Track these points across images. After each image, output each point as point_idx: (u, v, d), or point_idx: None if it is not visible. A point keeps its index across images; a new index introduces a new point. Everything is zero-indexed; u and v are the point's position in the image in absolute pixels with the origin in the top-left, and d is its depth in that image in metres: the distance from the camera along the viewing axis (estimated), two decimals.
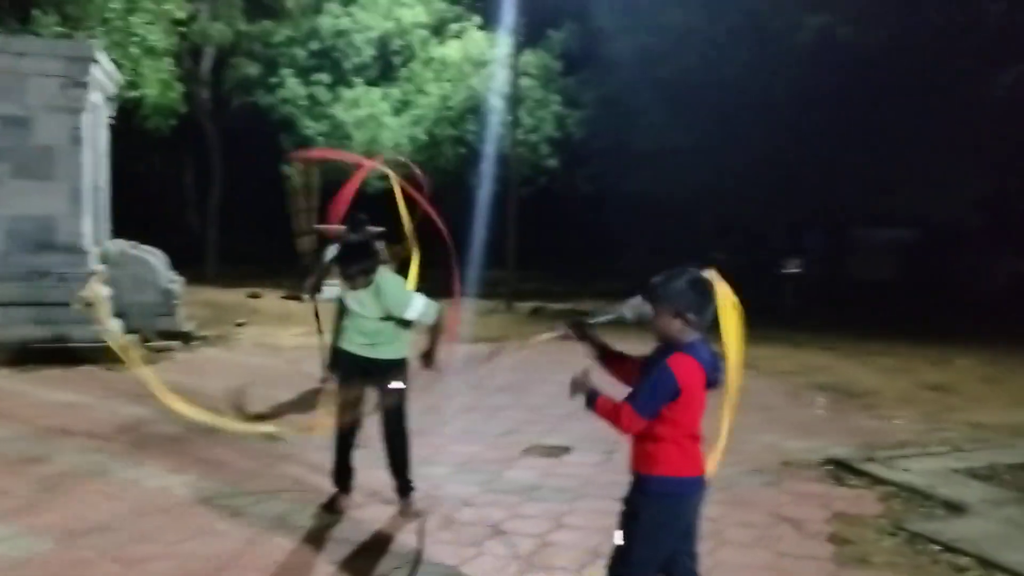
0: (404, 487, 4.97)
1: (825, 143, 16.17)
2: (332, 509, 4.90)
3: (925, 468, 5.89)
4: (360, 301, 4.84)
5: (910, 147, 16.24)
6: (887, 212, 21.36)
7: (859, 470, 5.84)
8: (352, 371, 4.95)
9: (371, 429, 5.07)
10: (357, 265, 4.71)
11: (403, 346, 5.00)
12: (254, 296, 16.58)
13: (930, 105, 15.23)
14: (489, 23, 19.61)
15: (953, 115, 15.22)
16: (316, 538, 4.55)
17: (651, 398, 2.90)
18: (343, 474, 5.00)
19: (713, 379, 2.97)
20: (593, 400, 2.99)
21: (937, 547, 4.53)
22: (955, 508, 5.13)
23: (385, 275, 4.87)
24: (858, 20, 14.07)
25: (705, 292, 2.93)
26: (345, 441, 4.96)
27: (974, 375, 10.00)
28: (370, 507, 4.99)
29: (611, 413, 2.95)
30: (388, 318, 4.84)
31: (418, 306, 4.84)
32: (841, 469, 5.92)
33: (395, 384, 4.96)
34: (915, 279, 21.69)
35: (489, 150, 18.76)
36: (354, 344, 4.93)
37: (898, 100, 15.28)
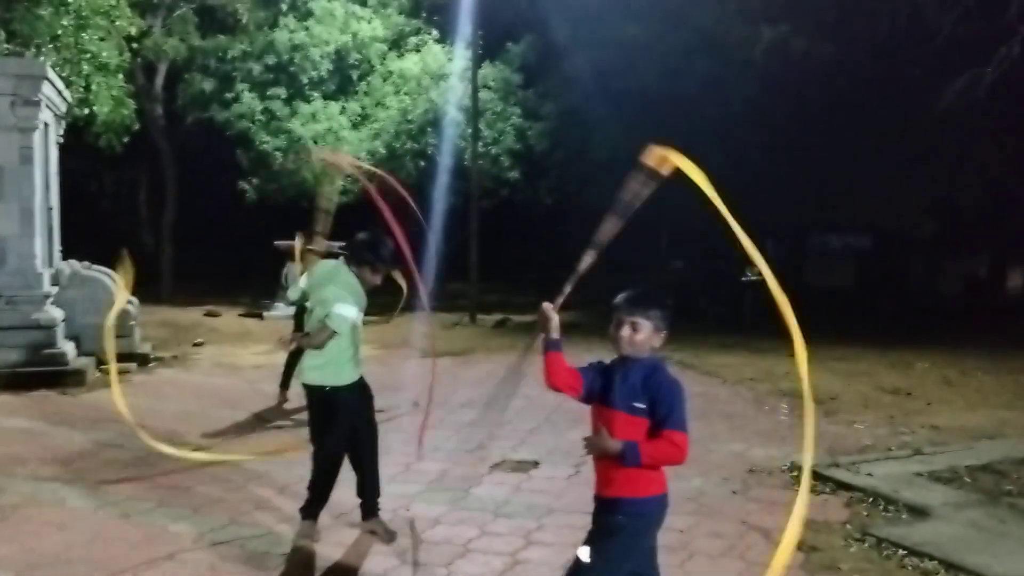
0: (375, 504, 4.88)
1: (781, 152, 16.45)
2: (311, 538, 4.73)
3: (888, 472, 5.97)
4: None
5: (863, 155, 16.60)
6: (842, 219, 21.78)
7: (824, 476, 5.89)
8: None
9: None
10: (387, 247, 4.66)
11: None
12: (212, 314, 16.31)
13: (882, 114, 15.59)
14: (447, 36, 19.61)
15: (904, 124, 15.59)
16: (280, 563, 4.46)
17: (685, 416, 2.82)
18: (322, 503, 4.80)
19: None
20: (637, 455, 2.76)
21: (903, 551, 4.59)
22: (919, 512, 5.20)
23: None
24: (811, 32, 14.35)
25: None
26: (335, 470, 4.75)
27: (932, 378, 10.19)
28: (336, 530, 4.91)
29: (670, 453, 2.76)
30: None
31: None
32: None
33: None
34: (870, 285, 22.11)
35: (450, 163, 18.73)
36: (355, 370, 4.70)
37: (851, 110, 15.62)
